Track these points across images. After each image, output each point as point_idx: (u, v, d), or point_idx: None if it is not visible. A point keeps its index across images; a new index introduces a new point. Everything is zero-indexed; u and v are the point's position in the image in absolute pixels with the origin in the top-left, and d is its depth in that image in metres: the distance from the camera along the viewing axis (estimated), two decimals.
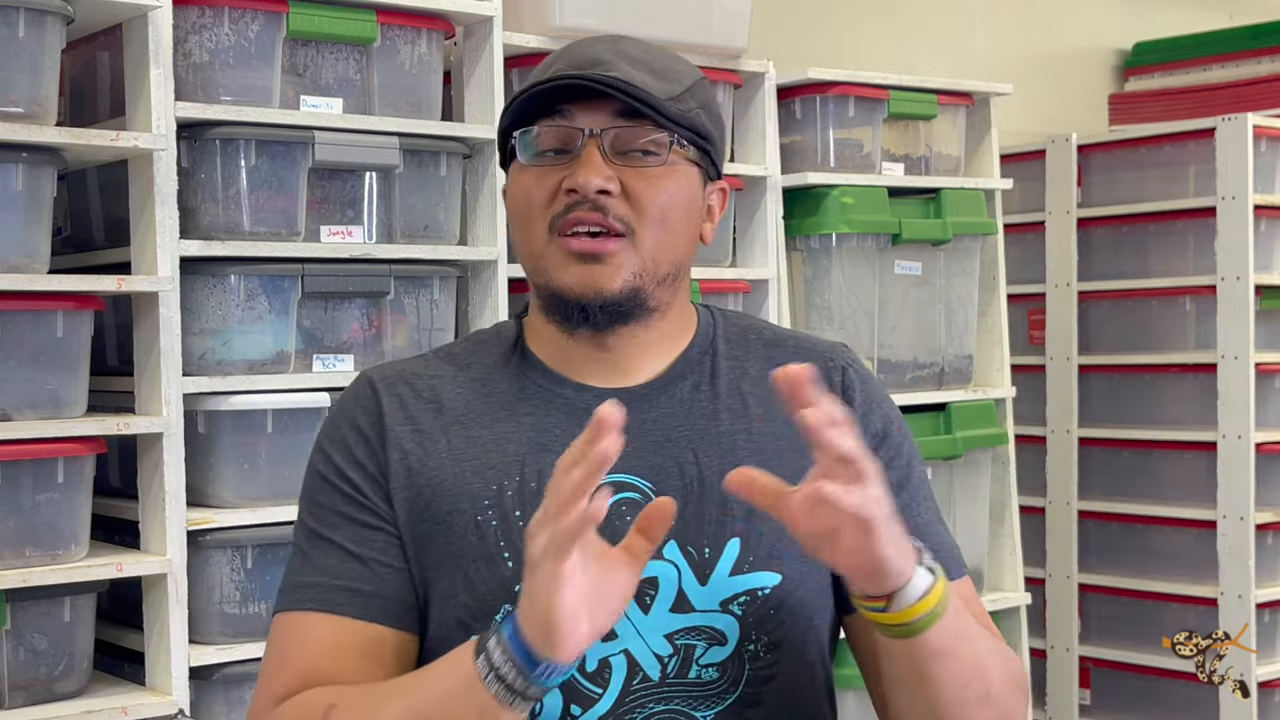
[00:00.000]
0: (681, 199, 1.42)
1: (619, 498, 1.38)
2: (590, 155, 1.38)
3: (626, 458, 1.36)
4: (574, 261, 1.39)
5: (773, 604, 1.38)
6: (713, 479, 1.40)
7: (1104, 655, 4.22)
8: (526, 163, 1.42)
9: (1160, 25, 4.87)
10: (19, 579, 2.32)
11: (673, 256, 1.42)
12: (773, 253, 3.28)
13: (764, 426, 1.44)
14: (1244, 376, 3.91)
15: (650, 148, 1.40)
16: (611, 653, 1.36)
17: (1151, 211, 4.15)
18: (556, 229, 1.39)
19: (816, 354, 1.50)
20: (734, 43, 3.21)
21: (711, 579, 1.37)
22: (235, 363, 2.59)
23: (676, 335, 1.47)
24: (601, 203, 1.37)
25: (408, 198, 2.77)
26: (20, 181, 2.37)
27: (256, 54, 2.59)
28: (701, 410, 1.44)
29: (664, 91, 1.40)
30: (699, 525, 1.39)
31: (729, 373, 1.47)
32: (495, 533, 1.38)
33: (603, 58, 1.40)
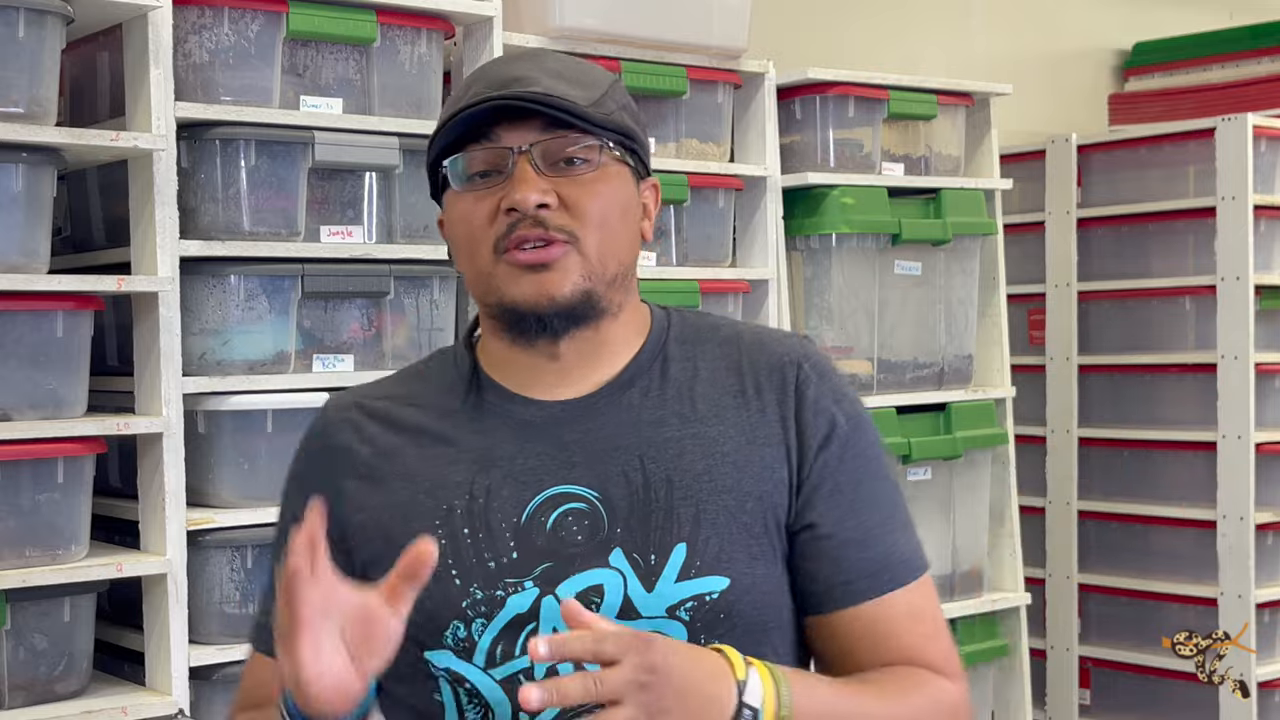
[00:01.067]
0: (618, 200, 1.44)
1: (566, 508, 1.40)
2: (524, 172, 1.39)
3: (573, 468, 1.42)
4: (523, 273, 1.40)
5: (721, 608, 1.38)
6: (659, 486, 1.40)
7: (1104, 655, 4.22)
8: (460, 189, 1.43)
9: (1160, 25, 4.87)
10: (19, 579, 2.32)
11: (617, 257, 1.44)
12: (773, 253, 3.28)
13: (711, 430, 1.44)
14: (1244, 376, 3.91)
15: (580, 155, 1.41)
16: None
17: (1151, 211, 4.15)
18: (501, 249, 1.40)
19: (771, 349, 1.49)
20: (734, 43, 3.21)
21: (658, 585, 1.38)
22: (235, 363, 2.59)
23: (629, 337, 1.48)
24: (541, 217, 1.39)
25: (408, 198, 2.77)
26: (20, 181, 2.37)
27: (256, 54, 2.59)
28: (649, 417, 1.44)
29: (585, 99, 1.42)
30: (644, 532, 1.39)
31: (679, 374, 1.47)
32: (444, 551, 1.39)
33: (520, 74, 1.42)
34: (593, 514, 1.40)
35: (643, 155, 1.48)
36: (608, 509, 1.40)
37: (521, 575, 1.39)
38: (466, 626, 1.38)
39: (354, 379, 2.68)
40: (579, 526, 1.40)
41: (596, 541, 1.39)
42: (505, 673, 1.38)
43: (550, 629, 1.36)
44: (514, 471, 1.42)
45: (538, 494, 1.41)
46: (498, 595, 1.38)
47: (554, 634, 1.25)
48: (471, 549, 1.40)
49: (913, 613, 1.45)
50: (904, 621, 1.44)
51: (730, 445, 1.43)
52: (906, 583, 1.45)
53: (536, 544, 1.39)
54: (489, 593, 1.39)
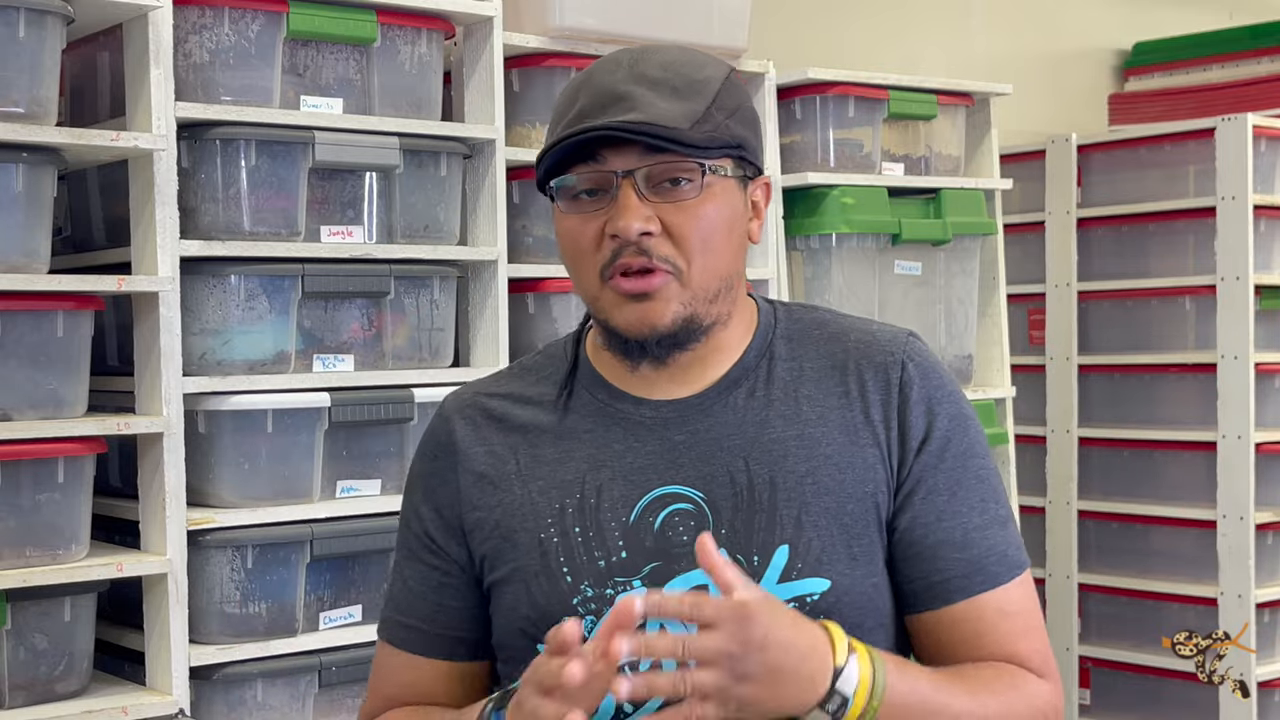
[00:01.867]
0: (723, 220, 1.45)
1: (672, 509, 1.44)
2: (627, 199, 1.41)
3: (680, 468, 1.46)
4: (626, 302, 1.43)
5: (822, 609, 1.40)
6: (762, 487, 1.44)
7: (1104, 655, 4.22)
8: (565, 209, 1.46)
9: (1160, 25, 4.87)
10: (19, 579, 2.32)
11: (721, 274, 1.46)
12: (773, 253, 3.28)
13: (815, 430, 1.46)
14: (1244, 376, 3.91)
15: (684, 176, 1.42)
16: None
17: (1151, 211, 4.15)
18: (606, 274, 1.43)
19: (877, 347, 1.50)
20: (734, 43, 3.21)
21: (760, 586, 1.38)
22: (235, 363, 2.59)
23: (735, 340, 1.51)
24: (644, 245, 1.41)
25: (408, 198, 2.77)
26: (20, 181, 2.37)
27: (256, 54, 2.59)
28: (754, 418, 1.47)
29: (688, 115, 1.41)
30: (748, 534, 1.43)
31: (785, 375, 1.50)
32: (556, 549, 1.45)
33: (623, 89, 1.42)
34: (698, 515, 1.44)
35: (753, 159, 1.50)
36: (712, 510, 1.44)
37: (630, 574, 1.43)
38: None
39: (354, 379, 2.69)
40: (685, 527, 1.43)
41: None
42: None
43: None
44: (623, 470, 1.47)
45: (646, 493, 1.45)
46: (607, 594, 1.43)
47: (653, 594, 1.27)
48: (582, 547, 1.45)
49: (1005, 610, 1.46)
50: (995, 619, 1.46)
51: (833, 447, 1.46)
52: (1001, 583, 1.47)
53: (645, 544, 1.44)
54: (599, 590, 1.43)
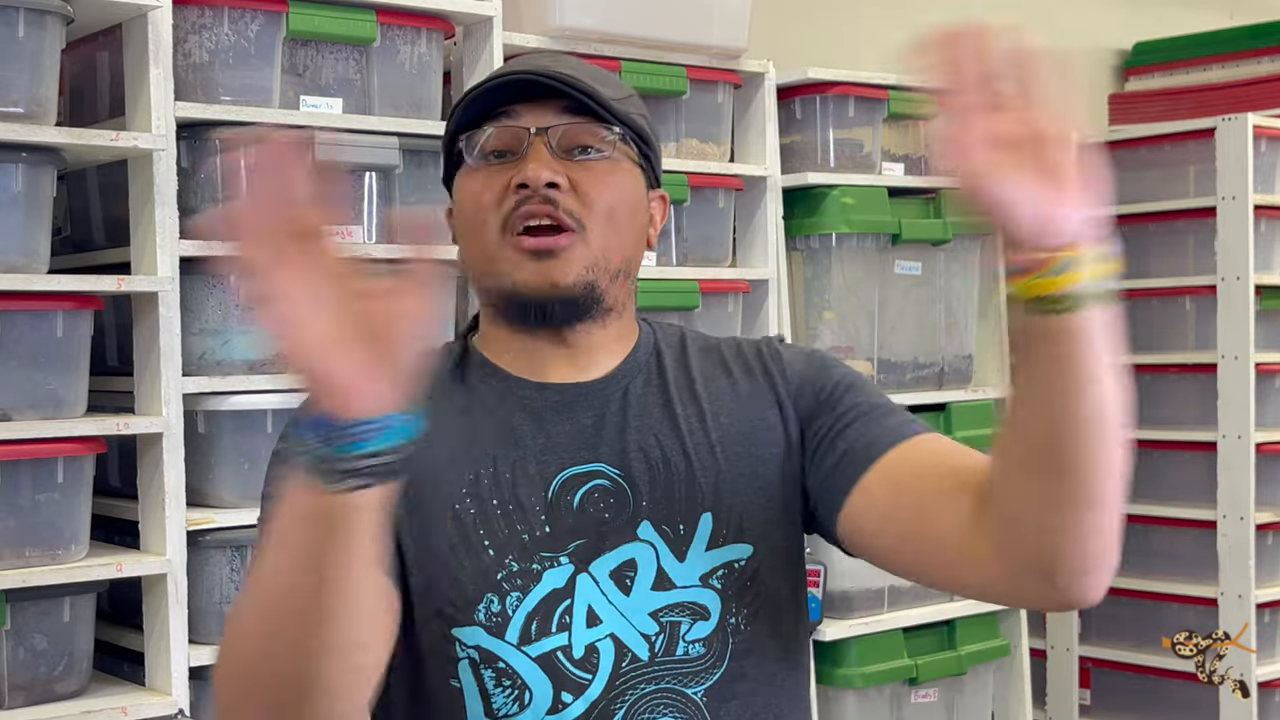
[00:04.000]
0: (628, 195, 1.45)
1: (590, 485, 1.42)
2: (538, 151, 1.40)
3: (592, 448, 1.44)
4: (528, 259, 1.40)
5: (748, 574, 1.41)
6: (676, 458, 1.43)
7: (1104, 655, 4.22)
8: (474, 164, 1.44)
9: (1160, 25, 4.87)
10: (19, 579, 2.32)
11: (622, 252, 1.45)
12: (773, 253, 3.28)
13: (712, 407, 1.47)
14: (1244, 376, 3.91)
15: (596, 144, 1.42)
16: (598, 638, 1.38)
17: (1151, 211, 4.15)
18: (509, 228, 1.40)
19: (747, 342, 1.55)
20: (734, 43, 3.21)
21: (689, 555, 1.40)
22: (235, 363, 2.59)
23: (626, 337, 1.50)
24: (551, 196, 1.39)
25: (408, 198, 2.77)
26: (20, 181, 2.37)
27: (256, 54, 2.59)
28: (655, 401, 1.47)
29: (608, 94, 1.43)
30: (669, 504, 1.42)
31: (675, 371, 1.50)
32: (474, 521, 1.39)
33: (544, 64, 1.44)
34: (617, 490, 1.42)
35: (655, 164, 1.50)
36: (630, 485, 1.42)
37: (556, 550, 1.39)
38: (501, 600, 1.37)
39: None
40: (605, 504, 1.41)
41: (624, 517, 1.41)
42: (541, 650, 1.37)
43: (585, 605, 1.38)
44: (534, 450, 1.43)
45: (561, 471, 1.42)
46: (533, 569, 1.38)
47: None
48: (502, 519, 1.39)
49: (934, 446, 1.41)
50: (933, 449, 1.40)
51: (732, 417, 1.47)
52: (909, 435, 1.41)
53: (567, 521, 1.40)
54: (525, 565, 1.38)
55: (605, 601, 1.38)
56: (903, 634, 3.37)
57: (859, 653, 3.27)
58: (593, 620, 1.38)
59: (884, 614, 3.35)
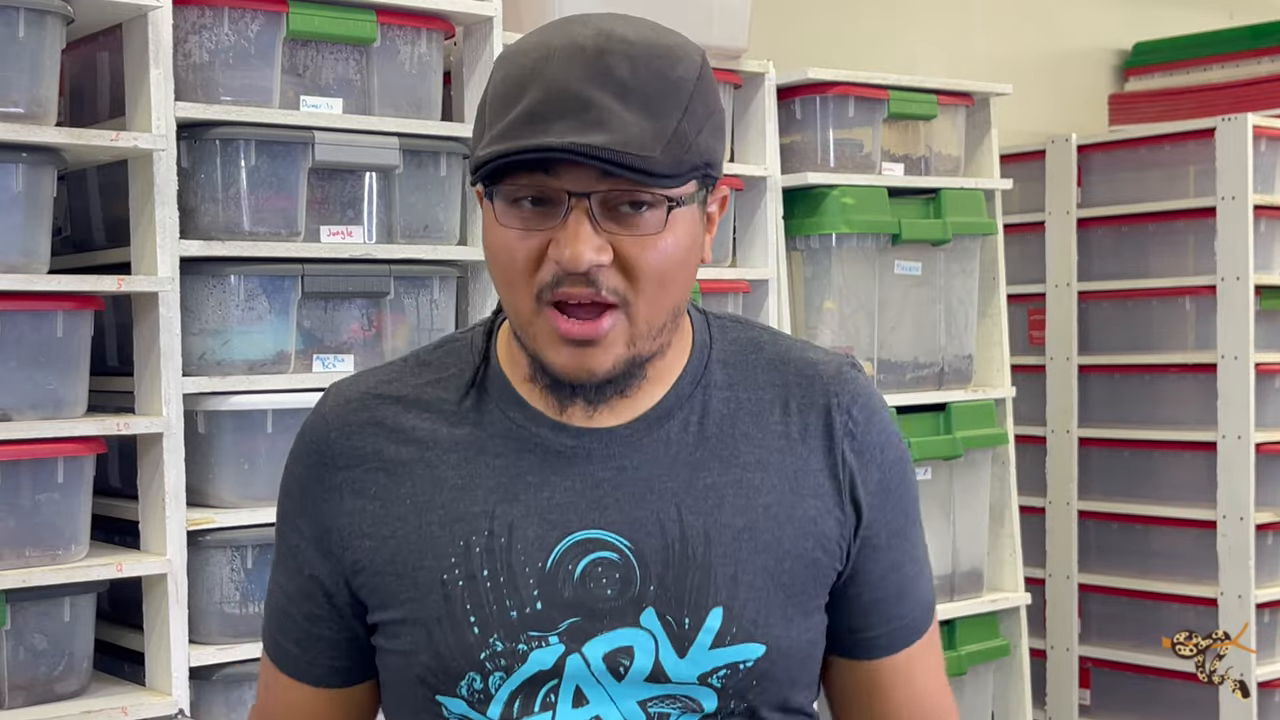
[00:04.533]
0: (682, 251, 1.28)
1: (594, 556, 1.29)
2: (579, 225, 1.22)
3: (604, 511, 1.30)
4: (564, 344, 1.26)
5: (755, 675, 1.31)
6: (696, 541, 1.30)
7: (1104, 655, 4.22)
8: (503, 216, 1.26)
9: (1160, 25, 4.87)
10: (19, 579, 2.32)
11: (670, 308, 1.29)
12: (773, 253, 3.28)
13: (753, 477, 1.33)
14: (1244, 376, 3.91)
15: (646, 202, 1.24)
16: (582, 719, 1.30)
17: (1151, 211, 4.15)
18: (545, 300, 1.25)
19: (818, 383, 1.37)
20: (734, 43, 3.21)
21: (690, 651, 1.29)
22: (235, 363, 2.59)
23: (670, 365, 1.35)
24: (593, 277, 1.23)
25: (408, 198, 2.77)
26: (20, 181, 2.37)
27: (256, 54, 2.59)
28: (687, 458, 1.33)
29: (658, 134, 1.21)
30: (679, 593, 1.29)
31: (721, 408, 1.35)
32: (461, 595, 1.29)
33: (585, 94, 1.21)
34: (624, 566, 1.29)
35: (717, 174, 1.31)
36: (640, 562, 1.29)
37: (546, 629, 1.28)
38: (484, 679, 1.29)
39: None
40: (609, 579, 1.29)
41: (628, 598, 1.29)
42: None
43: (573, 686, 1.29)
44: (539, 507, 1.30)
45: (565, 536, 1.30)
46: (519, 649, 1.28)
47: None
48: (491, 594, 1.29)
49: (925, 654, 1.45)
50: (917, 664, 1.44)
51: (772, 496, 1.33)
52: (924, 630, 1.44)
53: (563, 595, 1.29)
54: (510, 645, 1.29)
55: (594, 682, 1.29)
56: None
57: None
58: (579, 700, 1.29)
59: None
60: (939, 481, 3.49)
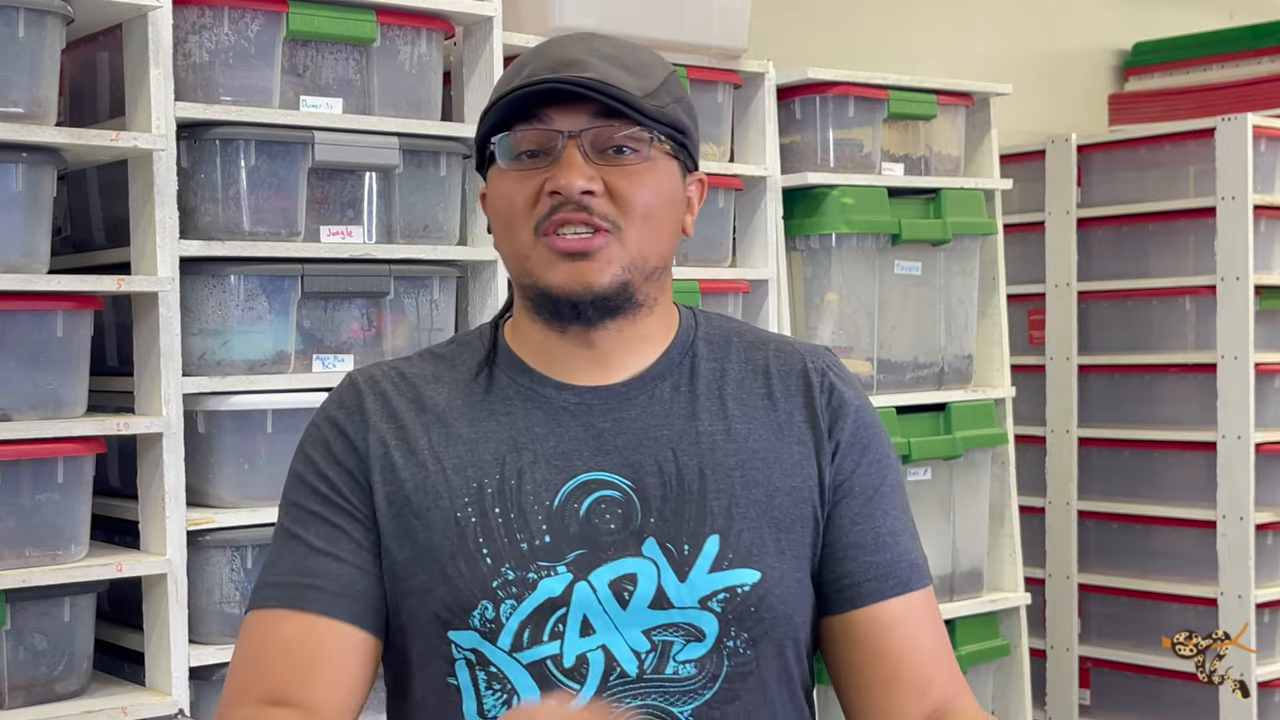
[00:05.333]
0: (664, 193, 1.44)
1: (598, 495, 1.41)
2: (571, 156, 1.39)
3: (607, 455, 1.43)
4: (561, 260, 1.40)
5: (752, 601, 1.40)
6: (691, 477, 1.43)
7: (1104, 655, 4.22)
8: (506, 167, 1.43)
9: (1160, 25, 4.87)
10: (19, 579, 2.32)
11: (658, 250, 1.45)
12: (773, 253, 3.28)
13: (740, 427, 1.46)
14: (1244, 376, 3.91)
15: (630, 145, 1.41)
16: (589, 648, 1.38)
17: (1151, 211, 4.15)
18: (542, 230, 1.40)
19: (795, 354, 1.52)
20: (734, 43, 3.21)
21: (690, 576, 1.39)
22: (235, 363, 2.59)
23: (659, 334, 1.49)
24: (586, 203, 1.39)
25: (408, 198, 2.77)
26: (20, 181, 2.37)
27: (256, 54, 2.59)
28: (680, 410, 1.46)
29: (640, 88, 1.41)
30: (678, 523, 1.41)
31: (708, 374, 1.49)
32: (475, 530, 1.40)
33: (576, 57, 1.42)
34: (626, 503, 1.41)
35: (692, 150, 1.49)
36: (641, 498, 1.41)
37: (555, 559, 1.39)
38: (495, 608, 1.38)
39: None
40: (612, 515, 1.41)
41: (630, 530, 1.40)
42: (532, 657, 1.38)
43: (580, 615, 1.38)
44: (546, 454, 1.43)
45: (570, 479, 1.42)
46: (529, 578, 1.38)
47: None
48: (503, 529, 1.40)
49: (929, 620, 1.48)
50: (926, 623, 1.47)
51: (760, 442, 1.46)
52: (911, 589, 1.48)
53: (569, 530, 1.40)
54: (521, 574, 1.38)
55: (601, 611, 1.38)
56: None
57: None
58: (586, 630, 1.38)
59: None
60: (939, 481, 3.49)
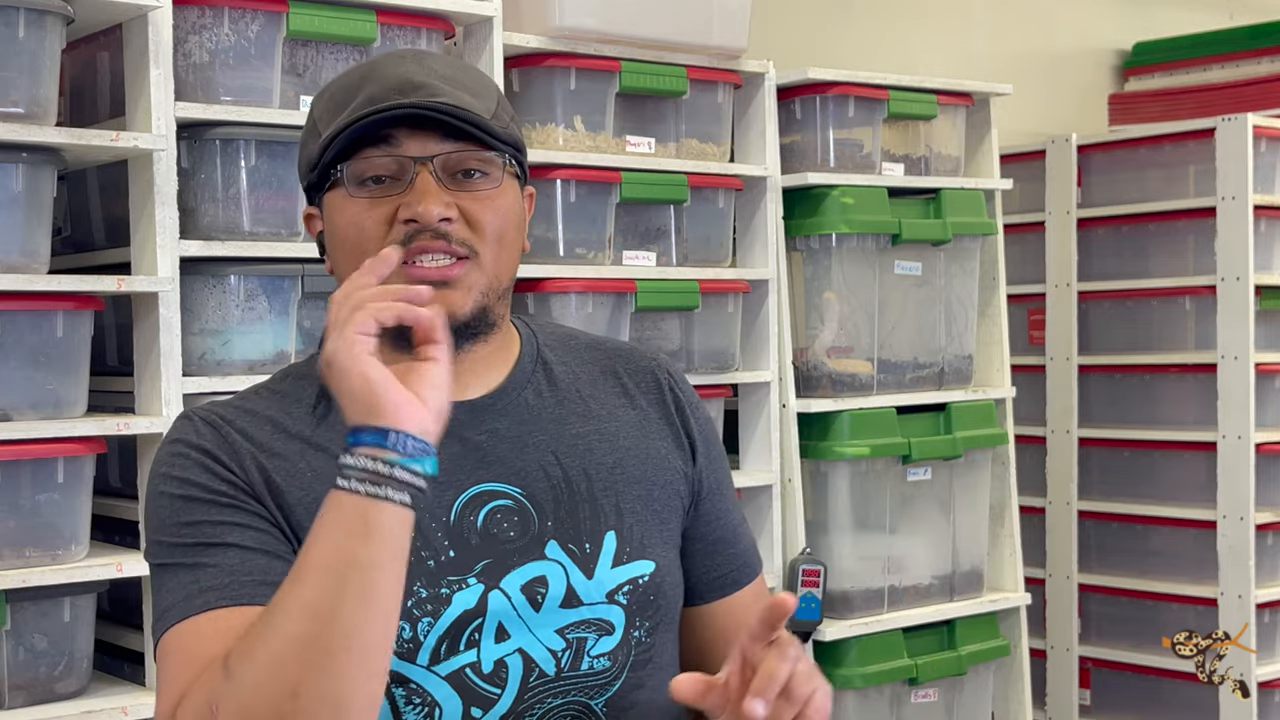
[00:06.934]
0: (513, 215, 1.44)
1: (492, 505, 1.42)
2: (426, 183, 1.37)
3: (491, 466, 1.44)
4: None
5: (651, 590, 1.46)
6: (578, 478, 1.46)
7: (1104, 655, 4.22)
8: (354, 193, 1.39)
9: (1160, 25, 4.87)
10: (19, 579, 2.32)
11: (509, 271, 1.45)
12: (773, 253, 3.28)
13: (608, 426, 1.51)
14: (1244, 376, 3.91)
15: (480, 168, 1.41)
16: (506, 653, 1.40)
17: (1151, 211, 4.15)
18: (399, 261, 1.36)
19: (636, 355, 1.58)
20: (734, 43, 3.21)
21: (596, 572, 1.43)
22: (235, 363, 2.59)
23: (507, 346, 1.51)
24: (443, 229, 1.38)
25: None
26: (20, 181, 2.37)
27: (256, 54, 2.59)
28: (549, 415, 1.48)
29: (485, 110, 1.41)
30: (574, 524, 1.44)
31: (564, 377, 1.52)
32: None
33: (417, 79, 1.39)
34: (520, 510, 1.43)
35: (524, 165, 1.49)
36: (534, 504, 1.43)
37: (463, 572, 1.39)
38: (412, 627, 1.37)
39: None
40: (509, 523, 1.42)
41: (530, 536, 1.42)
42: (450, 668, 1.38)
43: (496, 622, 1.39)
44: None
45: (460, 493, 1.42)
46: (442, 593, 1.38)
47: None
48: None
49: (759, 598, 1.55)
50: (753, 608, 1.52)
51: (629, 440, 1.51)
52: (757, 573, 1.60)
53: (471, 542, 1.40)
54: (433, 590, 1.38)
55: (515, 616, 1.40)
56: (903, 634, 3.37)
57: (859, 653, 3.27)
58: (501, 636, 1.39)
59: (884, 614, 3.35)
60: (939, 481, 3.49)
